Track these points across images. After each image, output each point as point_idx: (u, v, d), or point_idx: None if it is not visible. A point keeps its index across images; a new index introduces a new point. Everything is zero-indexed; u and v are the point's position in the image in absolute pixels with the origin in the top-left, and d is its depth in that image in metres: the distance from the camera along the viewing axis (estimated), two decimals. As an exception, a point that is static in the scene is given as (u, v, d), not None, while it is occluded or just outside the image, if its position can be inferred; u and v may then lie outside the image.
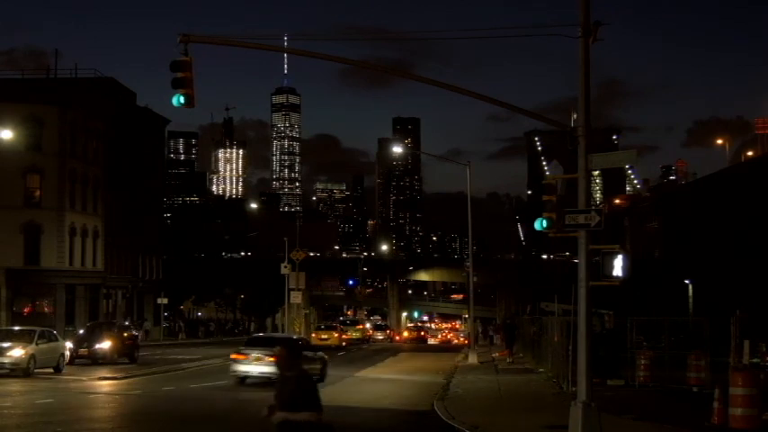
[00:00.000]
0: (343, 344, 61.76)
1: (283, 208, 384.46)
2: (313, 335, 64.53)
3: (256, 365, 27.07)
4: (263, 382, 25.87)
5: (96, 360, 35.47)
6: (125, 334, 39.59)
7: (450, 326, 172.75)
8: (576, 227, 14.23)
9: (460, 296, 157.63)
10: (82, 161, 63.57)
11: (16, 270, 58.16)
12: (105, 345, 36.17)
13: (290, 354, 8.58)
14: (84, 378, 29.17)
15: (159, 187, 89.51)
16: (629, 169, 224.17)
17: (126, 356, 37.47)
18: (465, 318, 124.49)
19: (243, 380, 27.66)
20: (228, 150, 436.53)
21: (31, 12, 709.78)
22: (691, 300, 58.84)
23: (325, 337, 59.91)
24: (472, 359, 40.11)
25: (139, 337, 46.65)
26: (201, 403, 22.27)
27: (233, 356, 28.20)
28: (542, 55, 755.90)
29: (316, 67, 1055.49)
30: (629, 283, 15.53)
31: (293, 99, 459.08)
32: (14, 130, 48.70)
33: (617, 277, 14.55)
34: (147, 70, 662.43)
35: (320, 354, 30.41)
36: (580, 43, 14.34)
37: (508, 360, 40.08)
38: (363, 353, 53.98)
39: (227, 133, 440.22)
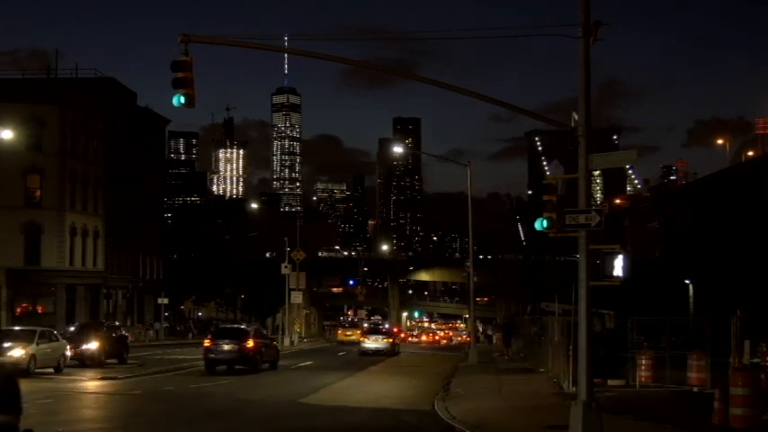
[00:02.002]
0: None
1: (284, 208, 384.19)
2: (339, 331, 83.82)
3: (372, 344, 50.31)
4: (376, 352, 48.34)
5: (84, 361, 34.26)
6: (114, 334, 38.39)
7: (449, 325, 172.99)
8: (576, 227, 14.22)
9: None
10: (82, 161, 63.62)
11: (17, 270, 58.19)
12: (93, 345, 34.98)
13: None
14: (84, 378, 29.18)
15: (160, 187, 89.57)
16: (629, 169, 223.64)
17: (115, 357, 36.51)
18: (465, 317, 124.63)
19: (365, 352, 48.62)
20: (229, 150, 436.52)
21: (32, 12, 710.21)
22: (691, 300, 58.83)
23: (350, 333, 77.26)
24: (473, 359, 40.13)
25: (129, 338, 45.42)
26: (202, 403, 22.27)
27: (360, 339, 52.79)
28: (543, 55, 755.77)
29: (316, 68, 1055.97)
30: (629, 282, 15.52)
31: (294, 99, 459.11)
32: (15, 130, 48.70)
33: (617, 277, 14.54)
34: (148, 70, 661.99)
35: (398, 341, 57.26)
36: (580, 43, 14.33)
37: (506, 357, 42.02)
38: None
39: (227, 133, 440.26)
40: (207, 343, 34.44)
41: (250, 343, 34.17)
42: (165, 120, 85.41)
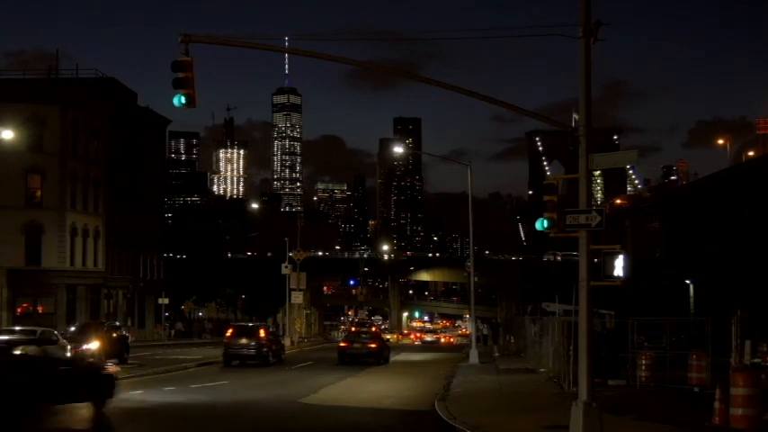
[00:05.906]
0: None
1: (284, 208, 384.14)
2: None
3: (428, 338, 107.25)
4: (430, 343, 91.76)
5: None
6: (114, 334, 38.32)
7: (447, 324, 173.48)
8: (577, 227, 14.21)
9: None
10: (83, 161, 63.61)
11: (17, 270, 58.16)
12: (93, 345, 34.47)
13: None
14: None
15: (160, 187, 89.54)
16: (630, 169, 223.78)
17: (115, 357, 35.88)
18: (466, 317, 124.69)
19: (424, 342, 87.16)
20: (229, 150, 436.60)
21: (32, 12, 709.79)
22: (692, 300, 58.84)
23: (387, 337, 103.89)
24: (473, 359, 40.12)
25: (129, 338, 45.03)
26: (202, 403, 22.27)
27: (413, 335, 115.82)
28: (544, 55, 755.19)
29: (317, 68, 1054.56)
30: (630, 283, 15.54)
31: (294, 99, 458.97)
32: (16, 130, 48.60)
33: (618, 277, 14.53)
34: (148, 70, 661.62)
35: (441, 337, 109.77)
36: (581, 44, 14.32)
37: (496, 354, 45.73)
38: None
39: (228, 133, 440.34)
40: (352, 328, 63.32)
41: (373, 328, 71.42)
42: (165, 120, 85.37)
